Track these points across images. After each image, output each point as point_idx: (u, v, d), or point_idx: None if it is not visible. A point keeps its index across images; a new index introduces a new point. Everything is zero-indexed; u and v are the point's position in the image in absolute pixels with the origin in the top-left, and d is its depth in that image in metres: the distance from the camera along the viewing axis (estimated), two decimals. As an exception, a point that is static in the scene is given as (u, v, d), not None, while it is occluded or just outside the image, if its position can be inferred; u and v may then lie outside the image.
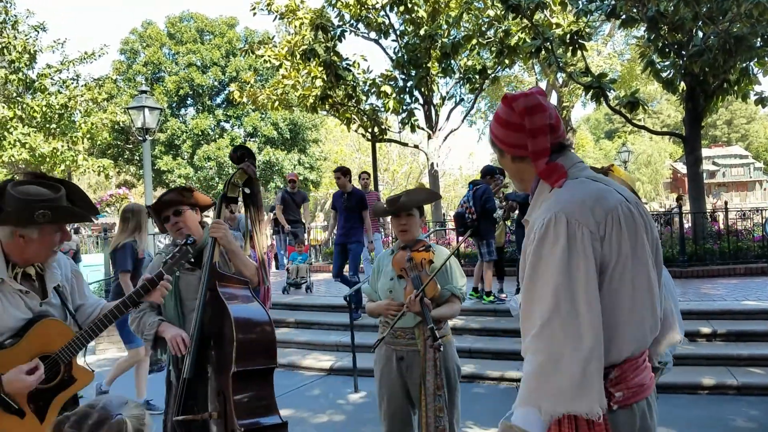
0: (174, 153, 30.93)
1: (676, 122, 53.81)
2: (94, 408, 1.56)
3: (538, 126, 1.80)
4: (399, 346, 3.42)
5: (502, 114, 1.86)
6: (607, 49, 25.22)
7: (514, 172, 1.92)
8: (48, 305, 2.56)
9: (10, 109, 16.52)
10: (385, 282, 3.53)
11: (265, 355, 2.91)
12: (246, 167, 3.11)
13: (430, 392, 3.25)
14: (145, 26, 32.80)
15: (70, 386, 2.52)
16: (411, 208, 3.51)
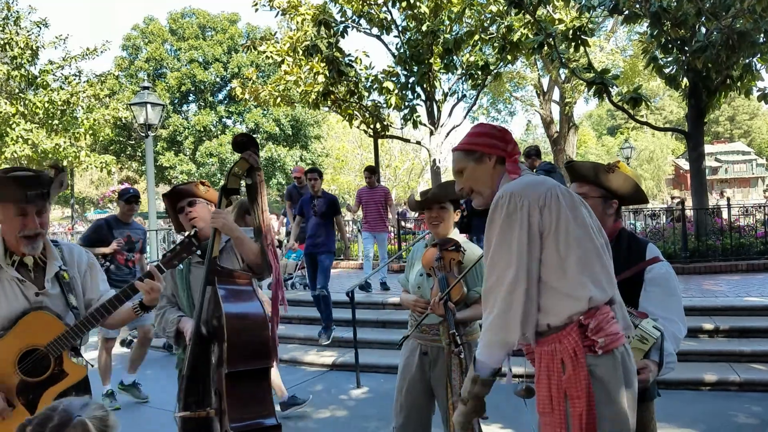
0: (176, 149, 30.97)
1: (679, 118, 53.72)
2: (55, 411, 1.57)
3: (513, 139, 2.28)
4: (424, 341, 3.41)
5: (483, 130, 2.30)
6: (610, 44, 25.16)
7: (491, 176, 2.24)
8: (45, 296, 2.55)
9: (13, 105, 16.54)
10: (415, 277, 3.52)
11: (259, 356, 2.82)
12: (248, 156, 2.97)
13: (456, 391, 3.19)
14: (147, 22, 32.81)
15: (60, 381, 2.50)
16: (443, 200, 3.43)
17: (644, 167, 55.90)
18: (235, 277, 2.97)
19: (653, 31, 10.83)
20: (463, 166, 2.27)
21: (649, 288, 2.57)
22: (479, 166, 2.25)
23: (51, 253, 2.63)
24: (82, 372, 2.52)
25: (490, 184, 2.24)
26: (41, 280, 2.59)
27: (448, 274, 3.31)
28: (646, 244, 2.70)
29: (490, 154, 2.24)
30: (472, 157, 2.25)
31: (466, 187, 2.29)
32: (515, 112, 56.73)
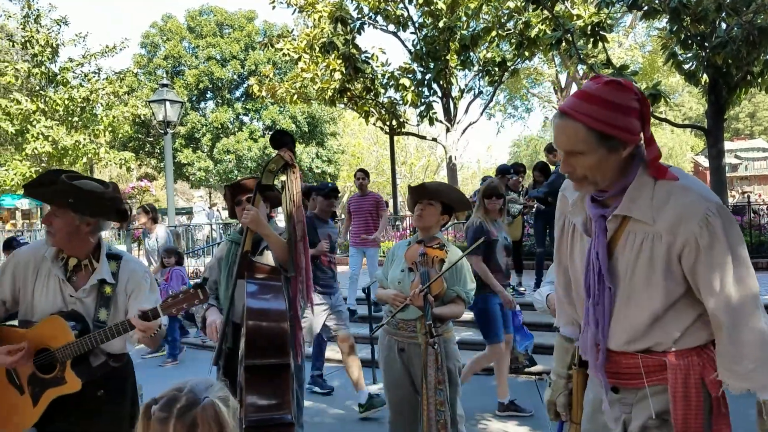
0: (194, 146, 31.18)
1: (698, 115, 53.12)
2: (182, 392, 1.52)
3: (649, 115, 1.74)
4: (400, 338, 3.48)
5: (621, 98, 1.68)
6: (629, 40, 24.95)
7: (618, 169, 1.75)
8: (78, 299, 2.62)
9: (33, 102, 16.76)
10: (396, 272, 3.56)
11: (276, 351, 2.86)
12: (283, 153, 2.99)
13: (431, 386, 3.27)
14: (166, 20, 33.02)
15: (59, 386, 2.56)
16: (431, 196, 3.51)
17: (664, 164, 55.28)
18: (266, 272, 3.01)
19: (672, 27, 10.71)
20: (586, 150, 1.70)
21: None
22: (612, 155, 1.71)
23: (101, 263, 2.68)
24: (77, 385, 2.54)
25: (615, 178, 1.75)
26: (82, 284, 2.66)
27: (430, 270, 3.38)
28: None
29: (627, 143, 1.70)
30: (606, 144, 1.68)
31: (579, 173, 1.76)
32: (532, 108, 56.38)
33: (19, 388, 2.62)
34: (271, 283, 3.01)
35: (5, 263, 2.77)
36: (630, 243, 1.75)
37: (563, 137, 1.73)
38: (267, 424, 2.76)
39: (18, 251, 2.81)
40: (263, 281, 3.00)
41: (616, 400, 1.89)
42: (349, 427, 5.26)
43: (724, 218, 1.66)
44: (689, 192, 1.68)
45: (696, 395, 1.74)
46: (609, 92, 1.67)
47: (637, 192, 1.72)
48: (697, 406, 1.74)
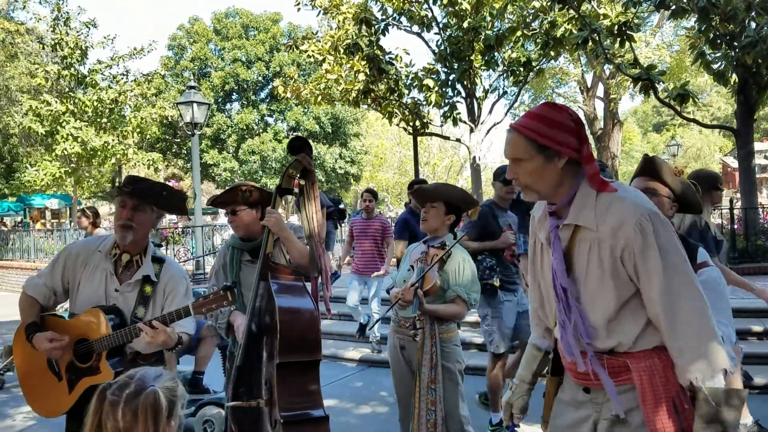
0: (220, 147, 31.49)
1: (727, 115, 52.26)
2: (133, 379, 1.67)
3: (586, 135, 1.97)
4: (402, 335, 3.55)
5: (556, 116, 1.92)
6: (656, 40, 24.61)
7: (558, 178, 1.94)
8: (121, 294, 2.79)
9: (63, 103, 17.05)
10: (403, 272, 3.68)
11: (309, 348, 2.94)
12: (302, 158, 3.10)
13: (423, 384, 3.31)
14: (192, 22, 33.42)
15: (95, 375, 2.70)
16: (433, 198, 3.55)
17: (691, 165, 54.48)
18: (287, 273, 3.06)
19: (701, 26, 10.57)
20: (524, 157, 1.92)
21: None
22: (548, 165, 1.91)
23: (147, 261, 2.86)
24: (110, 375, 2.63)
25: (554, 186, 1.95)
26: (126, 280, 2.84)
27: (426, 267, 3.43)
28: (697, 248, 2.72)
29: (561, 154, 1.90)
30: (542, 153, 1.90)
31: (522, 182, 1.98)
32: (557, 109, 55.89)
33: (58, 374, 2.78)
34: (296, 283, 3.07)
35: (59, 254, 2.95)
36: (582, 250, 1.93)
37: (509, 147, 1.97)
38: (300, 419, 2.83)
39: (71, 244, 3.05)
40: (288, 282, 3.05)
41: (588, 401, 2.00)
42: (375, 427, 5.28)
43: (655, 223, 1.82)
44: (625, 201, 1.87)
45: (665, 394, 1.84)
46: (546, 111, 1.94)
47: (581, 202, 1.92)
48: (668, 403, 1.84)
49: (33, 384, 2.88)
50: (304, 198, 3.17)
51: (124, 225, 2.75)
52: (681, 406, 1.85)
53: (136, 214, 2.76)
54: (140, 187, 2.82)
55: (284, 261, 3.22)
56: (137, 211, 2.76)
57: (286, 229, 3.13)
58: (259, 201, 3.31)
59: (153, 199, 2.82)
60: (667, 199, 2.67)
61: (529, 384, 2.27)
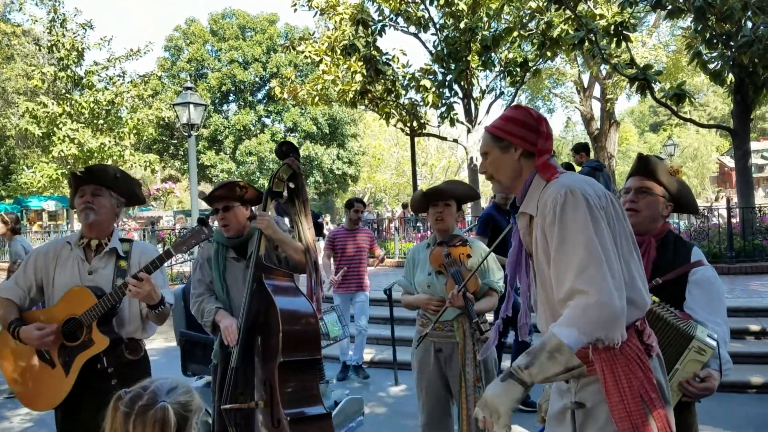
0: (217, 148, 31.48)
1: (723, 115, 52.37)
2: (146, 390, 1.64)
3: (548, 132, 2.10)
4: (437, 338, 3.44)
5: (518, 116, 2.11)
6: (653, 40, 24.66)
7: (514, 168, 2.10)
8: (96, 274, 2.90)
9: (60, 105, 17.03)
10: (423, 276, 3.54)
11: (310, 347, 2.96)
12: (291, 162, 3.15)
13: (470, 384, 3.28)
14: (189, 23, 33.40)
15: (89, 348, 2.76)
16: (448, 197, 3.51)
17: (688, 165, 54.65)
18: (279, 275, 3.08)
19: (697, 26, 10.59)
20: (488, 150, 2.14)
21: (694, 290, 2.56)
22: (503, 155, 2.11)
23: (113, 239, 2.99)
24: (104, 343, 2.75)
25: (511, 176, 2.11)
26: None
27: (461, 268, 3.38)
28: (692, 247, 2.70)
29: (516, 146, 2.08)
30: (498, 145, 2.11)
31: (488, 172, 2.18)
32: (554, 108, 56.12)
33: (51, 363, 2.82)
34: (290, 284, 3.09)
35: (28, 256, 3.07)
36: (535, 236, 2.01)
37: (481, 143, 2.19)
38: (305, 416, 2.84)
39: (38, 247, 3.18)
40: (283, 283, 3.06)
41: (566, 390, 2.04)
42: (373, 428, 5.27)
43: (568, 201, 1.88)
44: (556, 183, 1.96)
45: (628, 386, 1.85)
46: (509, 111, 2.16)
47: (532, 192, 2.05)
48: (633, 396, 1.84)
49: (26, 381, 2.88)
50: (294, 200, 3.22)
51: (86, 207, 2.86)
52: (647, 396, 1.86)
53: (95, 198, 2.89)
54: (93, 170, 2.95)
55: (274, 262, 3.23)
56: (95, 196, 2.89)
57: (278, 231, 3.15)
58: (251, 199, 3.34)
59: (108, 181, 2.92)
60: (662, 199, 2.65)
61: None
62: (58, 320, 2.81)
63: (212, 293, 3.36)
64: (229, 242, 3.32)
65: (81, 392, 2.78)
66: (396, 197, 41.61)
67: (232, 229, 3.27)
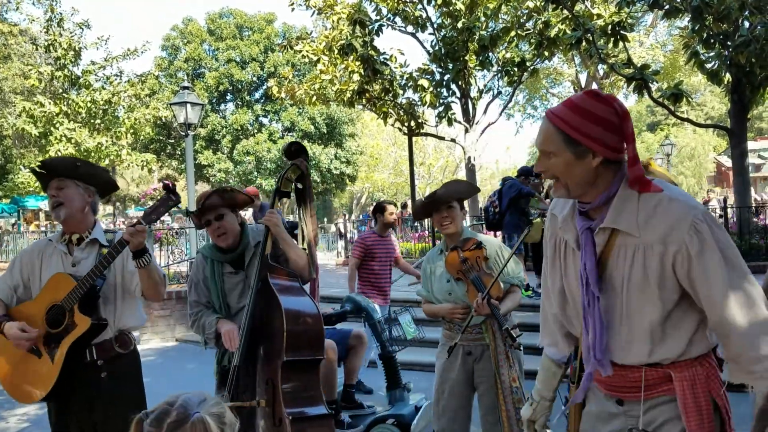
0: (214, 148, 31.45)
1: (721, 114, 52.43)
2: (173, 406, 1.49)
3: (633, 131, 1.78)
4: (466, 342, 3.37)
5: (599, 111, 1.72)
6: (650, 39, 24.71)
7: (591, 176, 1.77)
8: (79, 265, 2.92)
9: (57, 105, 16.98)
10: (442, 284, 3.46)
11: (313, 347, 2.97)
12: (299, 163, 3.17)
13: (506, 386, 3.25)
14: (186, 23, 33.36)
15: (72, 331, 2.77)
16: (450, 200, 3.42)
17: (685, 164, 54.73)
18: (284, 274, 3.07)
19: (695, 26, 10.60)
20: (556, 150, 1.76)
21: None
22: (579, 162, 1.74)
23: (95, 229, 3.02)
24: (86, 323, 2.75)
25: (584, 184, 1.79)
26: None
27: (480, 273, 3.30)
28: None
29: (596, 153, 1.72)
30: (572, 149, 1.73)
31: (550, 173, 1.81)
32: (552, 108, 55.98)
33: (36, 352, 2.85)
34: (294, 284, 3.09)
35: (15, 256, 3.16)
36: (622, 256, 1.77)
37: (540, 137, 1.81)
38: (307, 416, 2.85)
39: (24, 249, 3.27)
40: (288, 283, 3.07)
41: (622, 413, 1.89)
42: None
43: (710, 223, 1.69)
44: (675, 202, 1.72)
45: (706, 404, 1.75)
46: (586, 101, 1.74)
47: (621, 204, 1.76)
48: (708, 414, 1.75)
49: (13, 374, 2.90)
50: (301, 202, 3.23)
51: (54, 203, 2.88)
52: (725, 413, 1.79)
53: (61, 191, 2.88)
54: (51, 163, 2.97)
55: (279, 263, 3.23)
56: (61, 189, 2.89)
57: (284, 231, 3.15)
58: (234, 204, 3.27)
59: (69, 171, 2.90)
60: None
61: (549, 401, 2.19)
62: (41, 309, 2.84)
63: (208, 308, 3.32)
64: (225, 257, 3.26)
65: (71, 385, 2.79)
66: (394, 197, 41.60)
67: (230, 236, 3.20)
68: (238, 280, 3.24)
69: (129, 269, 2.97)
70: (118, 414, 2.84)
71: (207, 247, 3.39)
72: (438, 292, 3.48)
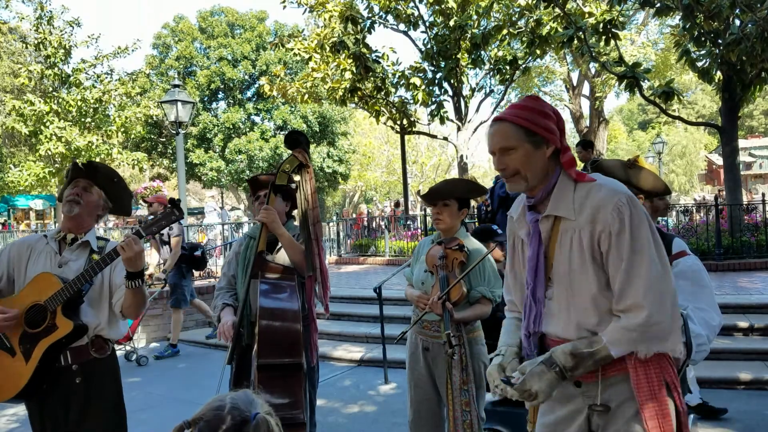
0: (206, 146, 31.31)
1: (712, 113, 52.71)
2: (223, 410, 1.37)
3: (564, 128, 2.03)
4: (426, 336, 3.42)
5: (540, 107, 1.99)
6: (641, 38, 24.76)
7: (544, 165, 1.99)
8: (66, 267, 2.89)
9: (47, 103, 16.87)
10: (420, 273, 3.50)
11: (288, 350, 2.88)
12: (298, 153, 3.05)
13: (456, 387, 3.24)
14: (177, 21, 33.19)
15: (52, 333, 2.73)
16: (446, 197, 3.39)
17: (676, 162, 54.98)
18: (279, 271, 3.03)
19: (686, 24, 10.63)
20: (516, 144, 1.96)
21: (677, 282, 2.57)
22: (536, 151, 1.96)
23: (89, 234, 2.99)
24: (68, 327, 2.72)
25: (541, 176, 1.99)
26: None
27: (449, 274, 3.29)
28: (673, 239, 2.70)
29: (549, 142, 1.97)
30: (531, 139, 1.95)
31: (511, 168, 1.99)
32: (544, 107, 56.06)
33: (10, 350, 2.78)
34: (284, 282, 3.03)
35: (4, 247, 3.08)
36: (564, 240, 1.96)
37: (497, 137, 2.00)
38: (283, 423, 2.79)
39: (16, 240, 3.19)
40: (277, 281, 3.02)
41: (579, 394, 2.00)
42: (363, 427, 5.25)
43: (632, 208, 1.87)
44: (604, 188, 1.93)
45: (658, 384, 1.88)
46: (530, 101, 2.02)
47: (560, 193, 1.97)
48: (661, 395, 1.88)
49: None
50: (299, 194, 3.11)
51: (73, 200, 2.90)
52: (674, 388, 1.91)
53: (85, 193, 2.92)
54: (95, 166, 2.99)
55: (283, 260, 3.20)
56: (86, 192, 2.92)
57: (279, 226, 3.14)
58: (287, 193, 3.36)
59: (103, 181, 2.97)
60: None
61: (516, 348, 2.20)
62: (21, 308, 2.78)
63: (231, 289, 3.39)
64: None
65: (44, 388, 2.76)
66: (387, 195, 41.59)
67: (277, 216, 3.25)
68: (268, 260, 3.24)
69: (115, 282, 2.93)
70: (95, 417, 2.83)
71: (253, 227, 3.48)
72: (415, 279, 3.54)
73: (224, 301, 3.29)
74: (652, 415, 1.86)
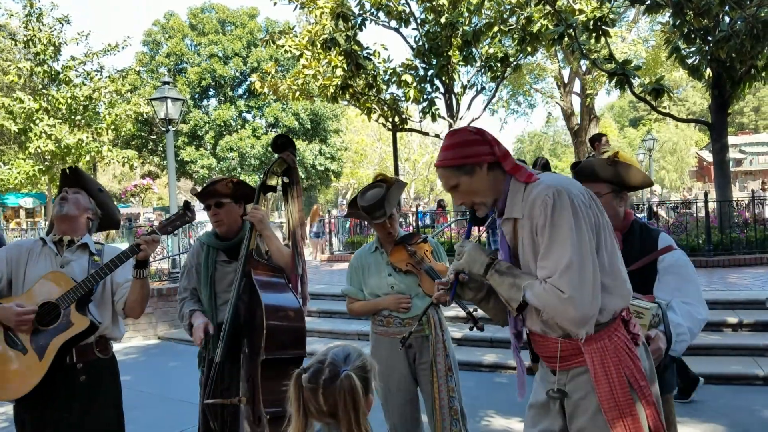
0: (197, 144, 31.20)
1: (702, 109, 53.01)
2: (324, 363, 1.74)
3: (494, 137, 2.16)
4: (407, 334, 3.34)
5: (461, 138, 2.15)
6: (632, 35, 24.84)
7: (490, 183, 2.12)
8: (68, 267, 2.92)
9: (36, 101, 16.75)
10: (382, 279, 3.46)
11: (295, 344, 2.92)
12: (286, 156, 3.08)
13: (441, 374, 3.29)
14: (168, 18, 33.02)
15: (67, 330, 2.75)
16: (383, 208, 3.39)
17: (667, 159, 55.28)
18: (268, 270, 3.04)
19: (676, 21, 10.67)
20: (455, 182, 2.14)
21: (664, 277, 2.59)
22: (474, 178, 2.12)
23: (85, 237, 3.05)
24: (85, 322, 2.75)
25: (492, 191, 2.14)
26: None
27: (433, 263, 3.37)
28: (659, 234, 2.71)
29: (480, 163, 2.11)
30: (463, 171, 2.12)
31: (467, 202, 2.18)
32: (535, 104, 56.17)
33: (22, 348, 2.77)
34: (278, 280, 3.04)
35: (3, 248, 3.08)
36: (522, 240, 2.09)
37: (442, 181, 2.20)
38: (281, 415, 2.80)
39: (14, 241, 3.21)
40: (272, 278, 3.03)
41: (554, 382, 2.12)
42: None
43: (557, 201, 1.95)
44: (541, 184, 2.03)
45: (617, 376, 1.96)
46: (449, 139, 2.18)
47: (512, 197, 2.11)
48: (621, 386, 1.95)
49: None
50: (287, 196, 3.16)
51: (61, 198, 2.99)
52: (636, 384, 1.96)
53: (72, 194, 3.01)
54: (80, 174, 3.11)
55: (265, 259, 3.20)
56: (75, 193, 3.02)
57: (269, 227, 3.13)
58: (242, 195, 3.29)
59: (89, 188, 3.08)
60: (610, 195, 2.69)
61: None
62: (33, 305, 2.77)
63: (194, 297, 3.33)
64: (221, 245, 3.28)
65: (48, 387, 2.74)
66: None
67: (225, 225, 3.24)
68: (231, 270, 3.21)
69: (116, 280, 2.99)
70: (96, 416, 2.85)
71: (206, 234, 3.42)
72: (377, 287, 3.49)
73: (191, 307, 3.25)
74: (615, 417, 1.93)
